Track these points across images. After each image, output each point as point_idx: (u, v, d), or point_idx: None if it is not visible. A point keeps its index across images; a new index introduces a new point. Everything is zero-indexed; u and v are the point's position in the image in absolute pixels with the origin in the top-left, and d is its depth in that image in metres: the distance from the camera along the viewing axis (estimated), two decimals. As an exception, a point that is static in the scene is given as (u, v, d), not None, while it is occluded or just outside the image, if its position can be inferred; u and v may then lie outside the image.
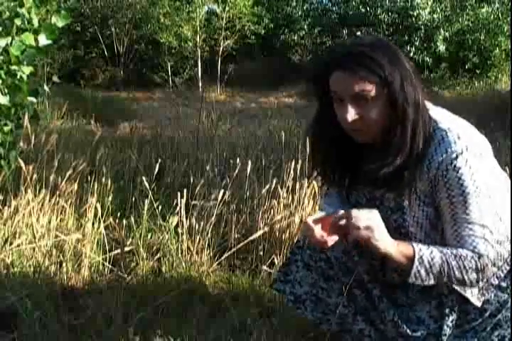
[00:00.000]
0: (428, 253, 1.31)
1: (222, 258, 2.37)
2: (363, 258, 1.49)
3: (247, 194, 2.80)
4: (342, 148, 1.43)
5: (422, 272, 1.31)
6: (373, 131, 1.33)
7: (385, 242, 1.30)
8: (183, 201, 2.38)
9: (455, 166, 1.28)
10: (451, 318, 1.41)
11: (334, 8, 12.55)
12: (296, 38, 13.01)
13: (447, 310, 1.41)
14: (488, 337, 1.40)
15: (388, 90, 1.28)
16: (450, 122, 1.35)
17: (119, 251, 2.39)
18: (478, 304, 1.39)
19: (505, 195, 1.36)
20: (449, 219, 1.33)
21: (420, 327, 1.42)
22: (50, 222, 2.42)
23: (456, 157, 1.28)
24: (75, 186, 2.58)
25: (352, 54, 1.30)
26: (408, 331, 1.41)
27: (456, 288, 1.37)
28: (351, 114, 1.31)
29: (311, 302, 1.57)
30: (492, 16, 10.48)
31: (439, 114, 1.38)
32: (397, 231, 1.37)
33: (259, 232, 2.41)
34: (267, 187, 2.61)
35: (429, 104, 1.38)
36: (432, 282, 1.33)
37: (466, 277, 1.31)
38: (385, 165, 1.31)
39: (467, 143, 1.29)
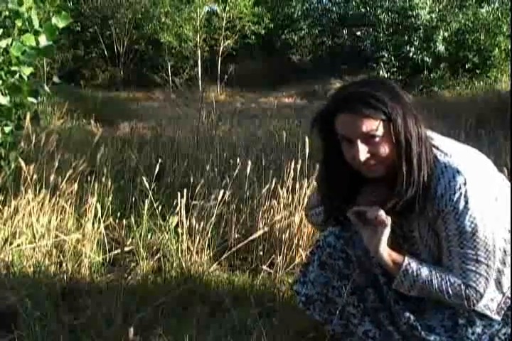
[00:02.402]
0: (416, 268, 1.40)
1: (222, 258, 2.38)
2: None
3: (247, 194, 2.80)
4: (351, 185, 1.47)
5: (406, 283, 1.41)
6: (384, 166, 1.38)
7: (383, 246, 1.40)
8: (183, 201, 2.38)
9: (452, 201, 1.33)
10: (470, 330, 1.42)
11: (334, 8, 12.53)
12: (296, 38, 13.01)
13: (463, 321, 1.43)
14: (495, 335, 1.43)
15: (392, 125, 1.33)
16: (449, 153, 1.39)
17: (119, 251, 2.39)
18: (498, 318, 1.43)
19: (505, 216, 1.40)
20: (445, 250, 1.39)
21: (432, 333, 1.44)
22: (50, 222, 2.43)
23: (454, 193, 1.33)
24: (75, 186, 2.58)
25: (355, 95, 1.35)
26: (423, 333, 1.44)
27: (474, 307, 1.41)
28: (363, 153, 1.35)
29: (321, 302, 1.57)
30: (492, 16, 10.47)
31: (438, 143, 1.42)
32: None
33: (259, 232, 2.41)
34: (267, 187, 2.61)
35: (429, 132, 1.42)
36: (415, 294, 1.43)
37: (448, 300, 1.39)
38: (396, 197, 1.37)
39: (466, 177, 1.33)
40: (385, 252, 1.40)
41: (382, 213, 1.35)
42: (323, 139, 1.46)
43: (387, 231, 1.38)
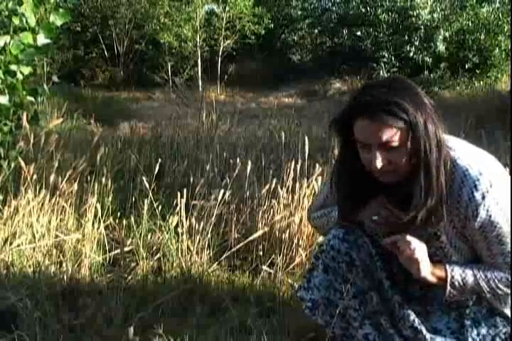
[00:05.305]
0: (460, 278, 1.40)
1: (222, 258, 2.38)
2: (384, 264, 1.51)
3: (247, 194, 2.79)
4: (367, 187, 1.45)
5: (455, 293, 1.42)
6: (401, 172, 1.36)
7: (425, 271, 1.39)
8: (183, 201, 2.38)
9: (484, 206, 1.32)
10: (476, 331, 1.43)
11: (334, 8, 12.52)
12: (296, 37, 13.00)
13: (470, 322, 1.43)
14: (497, 334, 1.43)
15: (413, 134, 1.30)
16: (467, 155, 1.38)
17: (119, 251, 2.39)
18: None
19: None
20: (485, 250, 1.40)
21: (437, 336, 1.44)
22: (50, 222, 2.43)
23: (484, 197, 1.32)
24: (75, 186, 2.58)
25: (376, 101, 1.29)
26: (428, 336, 1.43)
27: (491, 301, 1.43)
28: (379, 160, 1.32)
29: (324, 305, 1.56)
30: (492, 16, 10.46)
31: (455, 146, 1.40)
32: (437, 259, 1.43)
33: (259, 232, 2.41)
34: (267, 187, 2.61)
35: (444, 136, 1.40)
36: (467, 296, 1.44)
37: (496, 293, 1.41)
38: (418, 207, 1.34)
39: (490, 179, 1.33)
40: (428, 275, 1.40)
41: (414, 247, 1.35)
42: (340, 141, 1.43)
43: (425, 262, 1.38)
